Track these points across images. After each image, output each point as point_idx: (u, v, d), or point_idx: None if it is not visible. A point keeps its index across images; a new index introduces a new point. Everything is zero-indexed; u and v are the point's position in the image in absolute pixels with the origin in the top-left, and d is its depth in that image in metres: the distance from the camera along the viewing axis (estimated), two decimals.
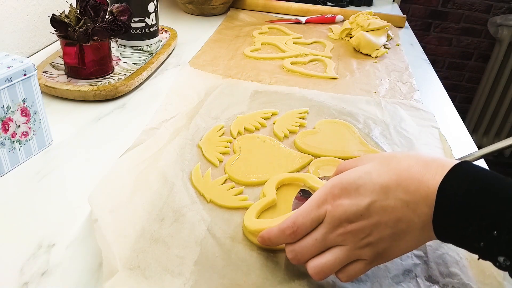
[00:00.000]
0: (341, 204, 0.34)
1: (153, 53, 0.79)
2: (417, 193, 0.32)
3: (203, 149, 0.54)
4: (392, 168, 0.34)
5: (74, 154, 0.54)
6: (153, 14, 0.82)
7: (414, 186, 0.32)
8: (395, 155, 0.35)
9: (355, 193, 0.34)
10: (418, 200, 0.32)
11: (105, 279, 0.36)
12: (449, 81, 1.89)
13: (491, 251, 0.30)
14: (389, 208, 0.33)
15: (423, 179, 0.32)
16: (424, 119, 0.65)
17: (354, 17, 0.99)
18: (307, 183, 0.48)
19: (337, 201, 0.34)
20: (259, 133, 0.59)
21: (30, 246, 0.40)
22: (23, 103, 0.49)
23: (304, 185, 0.48)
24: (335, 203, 0.34)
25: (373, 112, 0.66)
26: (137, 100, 0.67)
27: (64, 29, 0.64)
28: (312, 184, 0.48)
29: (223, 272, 0.38)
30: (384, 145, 0.58)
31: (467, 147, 0.62)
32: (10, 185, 0.48)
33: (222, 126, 0.59)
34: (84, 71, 0.67)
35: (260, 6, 1.14)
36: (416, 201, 0.32)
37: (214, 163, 0.52)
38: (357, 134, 0.60)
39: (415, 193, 0.32)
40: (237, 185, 0.49)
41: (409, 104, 0.69)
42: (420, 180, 0.32)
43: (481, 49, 1.82)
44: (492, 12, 1.73)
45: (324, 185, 0.36)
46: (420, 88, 0.77)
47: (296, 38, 0.95)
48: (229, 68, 0.79)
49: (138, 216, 0.43)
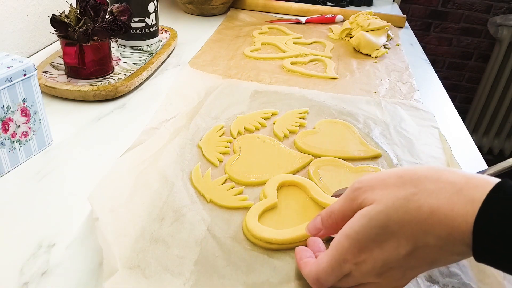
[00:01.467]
0: (366, 261, 0.32)
1: (153, 53, 0.79)
2: (450, 237, 0.29)
3: (203, 149, 0.54)
4: (414, 215, 0.30)
5: (74, 154, 0.54)
6: (153, 14, 0.82)
7: (446, 232, 0.29)
8: (406, 196, 0.31)
9: (379, 246, 0.31)
10: (453, 243, 0.29)
11: (105, 278, 0.36)
12: (449, 81, 1.89)
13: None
14: (421, 256, 0.30)
15: (454, 223, 0.28)
16: (424, 119, 0.65)
17: (354, 17, 0.98)
18: (309, 194, 0.48)
19: (361, 256, 0.32)
20: (259, 133, 0.59)
21: (30, 246, 0.40)
22: (23, 103, 0.49)
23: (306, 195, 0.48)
24: (360, 258, 0.32)
25: (373, 112, 0.66)
26: (137, 100, 0.67)
27: (64, 29, 0.64)
28: (314, 197, 0.47)
29: (223, 272, 0.38)
30: (384, 145, 0.58)
31: (467, 147, 0.62)
32: (10, 185, 0.48)
33: (222, 126, 0.59)
34: (84, 71, 0.67)
35: (260, 6, 1.14)
36: (451, 244, 0.29)
37: (214, 163, 0.52)
38: (357, 134, 0.60)
39: (449, 237, 0.29)
40: (237, 185, 0.49)
41: (409, 104, 0.69)
42: (451, 226, 0.28)
43: (481, 49, 1.82)
44: (492, 12, 1.73)
45: (342, 237, 0.33)
46: (420, 88, 0.77)
47: (296, 38, 0.95)
48: (229, 68, 0.79)
49: (138, 216, 0.43)
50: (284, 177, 0.49)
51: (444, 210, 0.29)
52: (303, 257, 0.37)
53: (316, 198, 0.47)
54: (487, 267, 0.40)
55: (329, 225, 0.36)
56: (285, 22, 1.06)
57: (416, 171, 0.32)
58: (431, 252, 0.30)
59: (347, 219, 0.34)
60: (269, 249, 0.41)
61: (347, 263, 0.33)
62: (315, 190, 0.48)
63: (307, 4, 1.13)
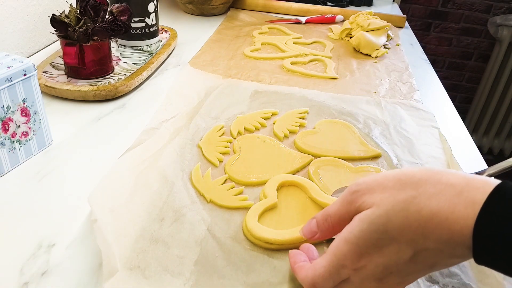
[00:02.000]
0: (365, 266, 0.31)
1: (153, 53, 0.79)
2: (451, 240, 0.28)
3: (203, 149, 0.54)
4: (414, 219, 0.29)
5: (74, 154, 0.54)
6: (153, 14, 0.82)
7: (446, 235, 0.28)
8: (406, 199, 0.30)
9: (373, 254, 0.31)
10: (454, 246, 0.29)
11: (105, 279, 0.36)
12: (449, 81, 1.89)
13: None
14: (422, 260, 0.30)
15: (455, 226, 0.28)
16: (424, 119, 0.65)
17: (354, 17, 0.98)
18: (309, 194, 0.48)
19: (361, 261, 0.32)
20: (259, 133, 0.59)
21: (30, 246, 0.40)
22: (23, 103, 0.49)
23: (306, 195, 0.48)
24: (359, 264, 0.32)
25: (373, 112, 0.66)
26: (137, 100, 0.67)
27: (64, 29, 0.64)
28: (314, 197, 0.47)
29: (223, 272, 0.38)
30: (384, 145, 0.58)
31: (467, 147, 0.62)
32: (10, 185, 0.48)
33: (222, 126, 0.59)
34: (84, 71, 0.67)
35: (260, 6, 1.14)
36: (452, 247, 0.29)
37: (214, 163, 0.52)
38: (357, 134, 0.60)
39: (449, 241, 0.28)
40: (237, 185, 0.49)
41: (409, 104, 0.69)
42: (452, 229, 0.28)
43: (481, 49, 1.82)
44: (492, 12, 1.73)
45: (340, 242, 0.32)
46: (420, 88, 0.77)
47: (296, 38, 0.95)
48: (229, 68, 0.78)
49: (138, 216, 0.43)
50: (284, 177, 0.49)
51: (445, 213, 0.28)
52: (298, 261, 0.37)
53: (316, 198, 0.47)
54: (487, 267, 0.40)
55: (325, 228, 0.36)
56: (285, 22, 1.06)
57: (415, 173, 0.31)
58: (431, 255, 0.30)
59: (343, 222, 0.33)
60: (268, 249, 0.41)
61: (345, 268, 0.32)
62: (315, 190, 0.48)
63: (307, 4, 1.13)
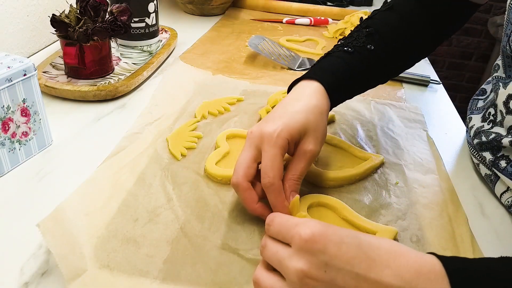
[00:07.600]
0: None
1: (153, 53, 0.79)
2: None
3: (169, 143, 0.55)
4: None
5: (74, 154, 0.54)
6: (153, 14, 0.82)
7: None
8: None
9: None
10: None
11: (68, 280, 0.36)
12: (449, 81, 1.89)
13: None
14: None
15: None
16: (413, 120, 0.65)
17: (349, 17, 0.99)
18: (342, 215, 0.46)
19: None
20: (230, 122, 0.61)
21: (30, 246, 0.40)
22: (23, 103, 0.49)
23: None
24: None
25: (362, 113, 0.66)
26: (137, 100, 0.67)
27: (64, 29, 0.64)
28: (348, 217, 0.45)
29: (191, 270, 0.38)
30: (368, 146, 0.58)
31: (466, 147, 0.62)
32: (10, 185, 0.48)
33: (196, 121, 0.61)
34: (84, 71, 0.67)
35: (260, 6, 1.14)
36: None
37: (176, 156, 0.53)
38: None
39: None
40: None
41: (399, 105, 0.69)
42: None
43: (481, 49, 1.82)
44: (492, 12, 1.73)
45: None
46: (420, 88, 0.77)
47: (290, 36, 0.97)
48: (219, 62, 0.81)
49: (112, 218, 0.43)
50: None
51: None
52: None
53: (349, 218, 0.45)
54: None
55: None
56: (269, 21, 1.07)
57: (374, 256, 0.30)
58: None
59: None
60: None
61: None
62: (347, 210, 0.46)
63: (307, 4, 1.13)
